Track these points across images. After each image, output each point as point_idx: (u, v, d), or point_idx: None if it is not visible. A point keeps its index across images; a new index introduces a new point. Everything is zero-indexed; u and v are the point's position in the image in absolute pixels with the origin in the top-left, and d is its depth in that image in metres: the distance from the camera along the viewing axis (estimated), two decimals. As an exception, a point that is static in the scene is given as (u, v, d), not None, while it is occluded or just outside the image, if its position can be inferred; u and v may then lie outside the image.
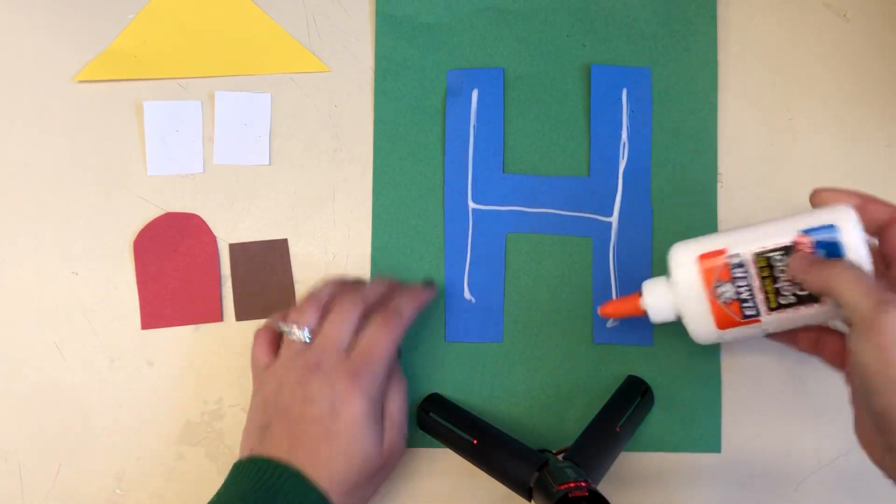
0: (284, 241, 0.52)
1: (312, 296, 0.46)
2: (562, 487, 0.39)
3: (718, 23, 0.52)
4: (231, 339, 0.51)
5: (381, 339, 0.43)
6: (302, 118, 0.52)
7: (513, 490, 0.45)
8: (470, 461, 0.47)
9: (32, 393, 0.51)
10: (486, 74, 0.52)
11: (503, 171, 0.52)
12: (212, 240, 0.52)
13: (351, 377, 0.42)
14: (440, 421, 0.48)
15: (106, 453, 0.51)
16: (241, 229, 0.52)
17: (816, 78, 0.52)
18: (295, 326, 0.44)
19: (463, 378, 0.51)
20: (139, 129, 0.52)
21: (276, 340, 0.46)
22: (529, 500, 0.44)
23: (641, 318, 0.45)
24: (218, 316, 0.51)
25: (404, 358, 0.50)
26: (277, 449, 0.42)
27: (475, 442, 0.46)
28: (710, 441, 0.50)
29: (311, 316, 0.45)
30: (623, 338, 0.51)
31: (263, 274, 0.52)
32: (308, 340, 0.44)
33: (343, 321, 0.44)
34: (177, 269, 0.51)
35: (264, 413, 0.44)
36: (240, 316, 0.52)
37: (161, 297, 0.51)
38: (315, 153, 0.52)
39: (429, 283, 0.50)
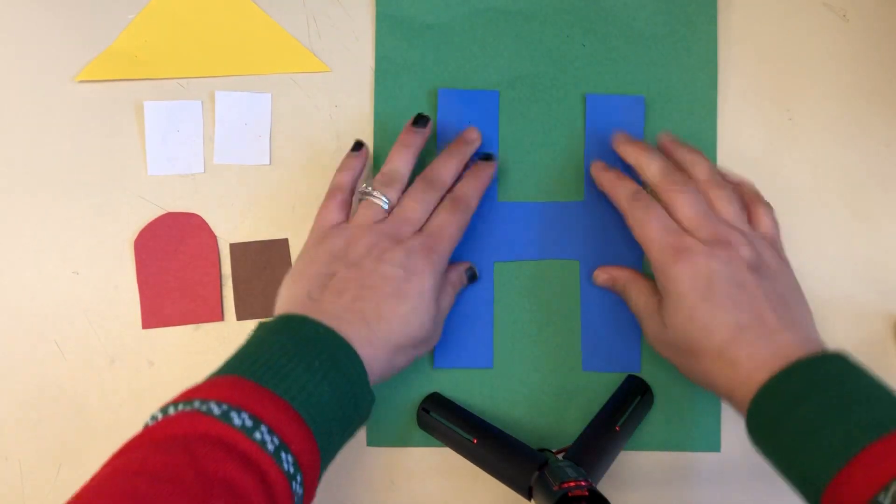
0: (285, 241, 0.52)
1: (395, 171, 0.47)
2: (562, 487, 0.39)
3: (718, 23, 0.52)
4: (231, 338, 0.51)
5: (451, 223, 0.46)
6: (302, 118, 0.52)
7: (513, 489, 0.45)
8: (470, 461, 0.47)
9: (32, 393, 0.51)
10: (480, 97, 0.52)
11: (497, 200, 0.52)
12: (212, 239, 0.52)
13: (425, 252, 0.44)
14: (440, 421, 0.48)
15: (106, 453, 0.51)
16: (242, 229, 0.52)
17: (816, 78, 0.52)
18: (379, 192, 0.46)
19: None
20: (139, 128, 0.52)
21: (347, 204, 0.48)
22: (529, 500, 0.44)
23: (629, 342, 0.49)
24: (218, 316, 0.51)
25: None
26: (340, 297, 0.42)
27: (475, 442, 0.46)
28: (709, 440, 0.50)
29: (395, 190, 0.46)
30: (612, 365, 0.51)
31: (264, 274, 0.52)
32: (386, 208, 0.46)
33: (421, 201, 0.46)
34: (177, 268, 0.51)
35: (329, 265, 0.43)
36: (240, 316, 0.52)
37: (161, 296, 0.51)
38: (315, 153, 0.52)
39: (487, 158, 0.50)
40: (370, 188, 0.46)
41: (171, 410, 0.36)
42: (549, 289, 0.51)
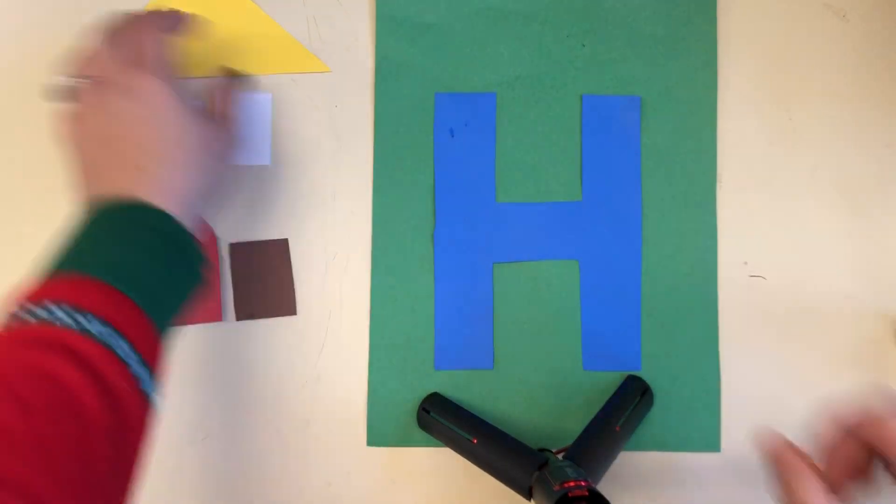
0: (285, 241, 0.52)
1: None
2: (561, 487, 0.39)
3: (718, 23, 0.52)
4: (231, 339, 0.51)
5: (145, 41, 0.43)
6: (302, 118, 0.52)
7: (513, 489, 0.45)
8: (470, 461, 0.47)
9: (33, 392, 0.51)
10: (477, 100, 0.52)
11: (496, 201, 0.52)
12: (212, 239, 0.52)
13: (130, 69, 0.41)
14: (440, 420, 0.48)
15: (106, 453, 0.51)
16: (242, 229, 0.52)
17: (816, 78, 0.52)
18: (78, 78, 0.43)
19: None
20: (140, 129, 0.52)
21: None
22: (529, 500, 0.44)
23: (629, 341, 0.48)
24: (218, 316, 0.51)
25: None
26: (103, 168, 0.41)
27: (475, 441, 0.46)
28: (709, 440, 0.50)
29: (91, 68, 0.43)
30: (612, 365, 0.51)
31: (264, 274, 0.52)
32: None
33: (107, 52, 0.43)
34: (177, 268, 0.51)
35: (82, 160, 0.42)
36: (240, 316, 0.52)
37: (161, 296, 0.51)
38: (315, 153, 0.52)
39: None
40: (68, 80, 0.43)
41: None
42: (549, 289, 0.51)
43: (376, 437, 0.51)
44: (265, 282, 0.51)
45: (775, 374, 0.51)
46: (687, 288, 0.51)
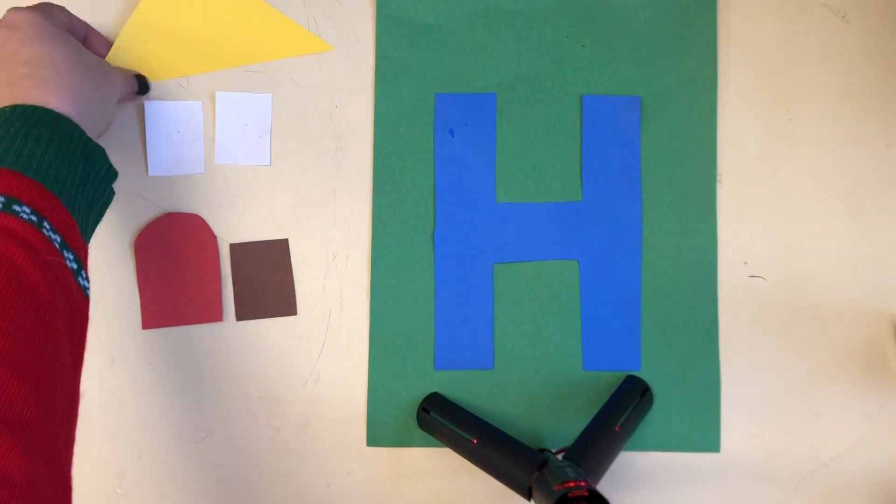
0: (285, 241, 0.52)
1: None
2: (561, 487, 0.39)
3: (718, 23, 0.52)
4: (231, 339, 0.51)
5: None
6: (302, 118, 0.52)
7: (513, 489, 0.45)
8: (470, 461, 0.47)
9: (33, 392, 0.51)
10: (477, 101, 0.52)
11: (496, 201, 0.52)
12: (212, 240, 0.52)
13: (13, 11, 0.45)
14: (440, 421, 0.48)
15: (106, 453, 0.51)
16: (242, 229, 0.52)
17: (816, 78, 0.52)
18: None
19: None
20: (140, 129, 0.52)
21: None
22: (529, 500, 0.44)
23: (629, 341, 0.48)
24: (218, 316, 0.51)
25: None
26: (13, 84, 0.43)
27: (475, 442, 0.46)
28: (709, 441, 0.50)
29: None
30: (612, 365, 0.51)
31: (264, 274, 0.52)
32: None
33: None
34: (177, 269, 0.51)
35: None
36: (240, 316, 0.52)
37: (162, 296, 0.51)
38: (315, 153, 0.52)
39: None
40: None
41: None
42: (549, 289, 0.51)
43: (376, 437, 0.51)
44: (265, 282, 0.52)
45: (775, 374, 0.51)
46: (687, 288, 0.51)
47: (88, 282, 0.41)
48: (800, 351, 0.51)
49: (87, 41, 0.50)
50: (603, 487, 0.43)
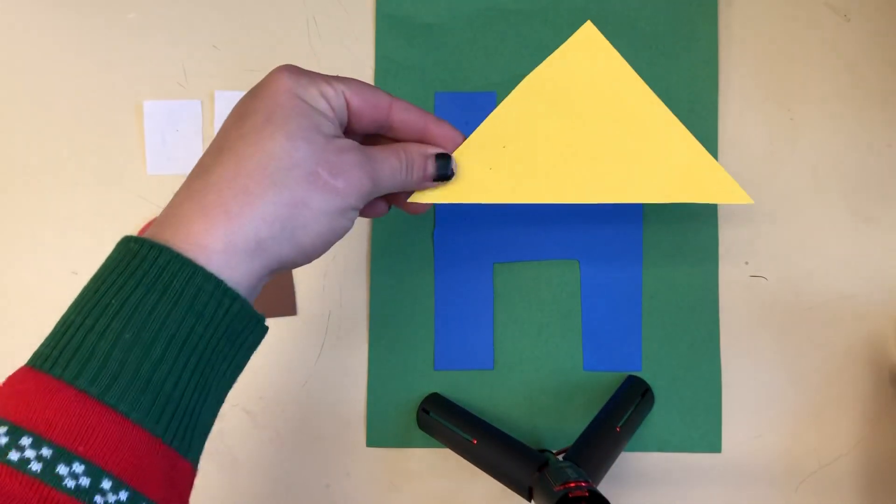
0: (284, 241, 0.52)
1: None
2: (562, 487, 0.39)
3: (719, 23, 0.52)
4: (231, 338, 0.51)
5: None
6: (302, 118, 0.52)
7: (513, 490, 0.44)
8: (470, 461, 0.47)
9: (32, 393, 0.51)
10: (477, 99, 0.52)
11: None
12: (212, 239, 0.52)
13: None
14: (440, 421, 0.48)
15: (105, 453, 0.51)
16: (241, 229, 0.52)
17: (816, 78, 0.52)
18: None
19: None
20: (139, 128, 0.52)
21: None
22: (529, 500, 0.44)
23: (630, 341, 0.49)
24: (218, 316, 0.51)
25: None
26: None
27: (475, 442, 0.46)
28: (710, 441, 0.50)
29: None
30: (612, 365, 0.51)
31: (263, 274, 0.51)
32: None
33: None
34: (177, 268, 0.51)
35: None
36: (239, 316, 0.51)
37: (161, 296, 0.51)
38: (315, 153, 0.52)
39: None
40: None
41: None
42: (549, 289, 0.51)
43: (376, 437, 0.51)
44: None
45: (777, 374, 0.51)
46: (688, 288, 0.51)
47: None
48: (801, 351, 0.51)
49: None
50: (604, 488, 0.43)
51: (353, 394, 0.51)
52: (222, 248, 0.29)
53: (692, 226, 0.51)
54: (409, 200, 0.39)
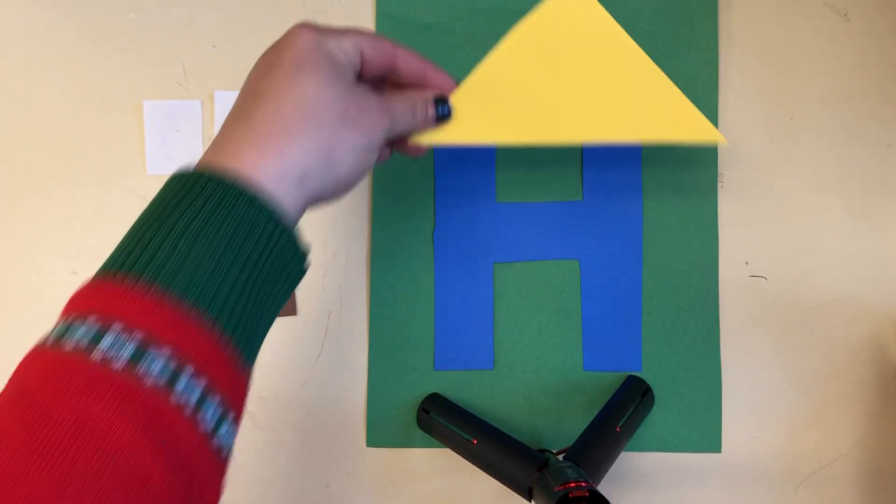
0: (284, 241, 0.52)
1: None
2: (562, 487, 0.39)
3: (719, 23, 0.52)
4: (231, 338, 0.51)
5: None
6: (302, 118, 0.52)
7: (513, 490, 0.44)
8: (470, 461, 0.47)
9: (32, 393, 0.51)
10: None
11: (496, 201, 0.52)
12: (212, 239, 0.52)
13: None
14: (440, 421, 0.48)
15: (105, 453, 0.51)
16: (241, 229, 0.52)
17: (816, 78, 0.52)
18: None
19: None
20: (139, 128, 0.52)
21: None
22: (529, 500, 0.44)
23: (630, 342, 0.49)
24: (218, 316, 0.51)
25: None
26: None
27: (475, 442, 0.46)
28: (710, 441, 0.50)
29: None
30: (612, 365, 0.51)
31: (263, 274, 0.51)
32: None
33: None
34: (176, 268, 0.51)
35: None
36: (239, 316, 0.51)
37: (161, 296, 0.51)
38: (315, 153, 0.52)
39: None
40: None
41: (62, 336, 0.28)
42: (549, 289, 0.51)
43: (376, 437, 0.51)
44: (265, 282, 0.51)
45: (777, 374, 0.51)
46: (688, 288, 0.51)
47: (237, 425, 0.31)
48: (801, 351, 0.51)
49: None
50: (604, 488, 0.43)
51: (353, 394, 0.51)
52: (277, 177, 0.32)
53: (692, 226, 0.51)
54: (411, 142, 0.41)
